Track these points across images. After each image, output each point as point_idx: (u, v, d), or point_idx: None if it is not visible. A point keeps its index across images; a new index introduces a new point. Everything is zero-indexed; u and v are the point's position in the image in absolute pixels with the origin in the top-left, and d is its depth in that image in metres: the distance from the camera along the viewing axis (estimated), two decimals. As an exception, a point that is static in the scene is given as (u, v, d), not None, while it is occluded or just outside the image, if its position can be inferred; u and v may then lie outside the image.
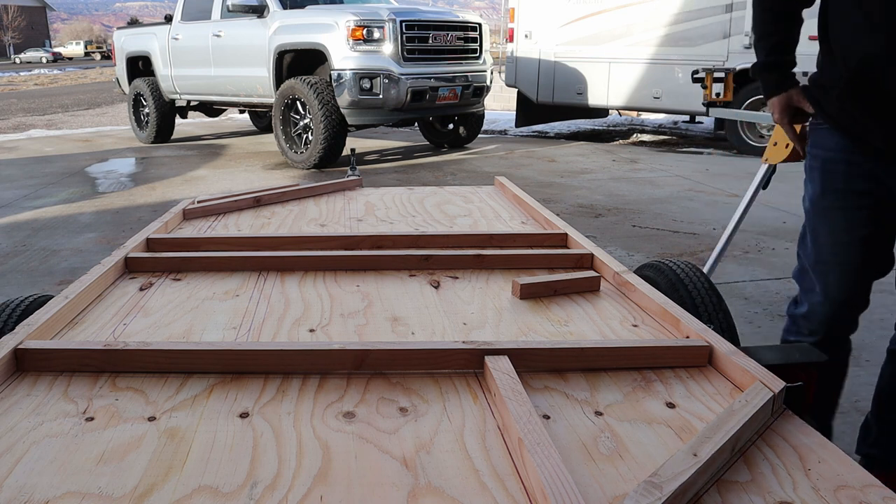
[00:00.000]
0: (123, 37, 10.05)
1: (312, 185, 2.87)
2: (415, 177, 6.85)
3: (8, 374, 1.25)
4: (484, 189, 2.96)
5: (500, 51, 11.24)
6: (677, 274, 1.93)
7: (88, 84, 24.14)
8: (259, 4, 7.58)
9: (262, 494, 0.93)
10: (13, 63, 52.97)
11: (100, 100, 17.41)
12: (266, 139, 9.52)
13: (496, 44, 13.26)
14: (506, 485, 0.96)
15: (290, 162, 7.44)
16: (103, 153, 8.68)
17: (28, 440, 1.05)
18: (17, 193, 6.23)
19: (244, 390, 1.21)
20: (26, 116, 13.86)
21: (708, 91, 3.92)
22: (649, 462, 1.01)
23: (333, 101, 6.96)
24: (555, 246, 2.08)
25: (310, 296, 1.69)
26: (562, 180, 6.58)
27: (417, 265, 1.89)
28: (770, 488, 0.95)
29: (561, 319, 1.55)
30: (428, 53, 7.38)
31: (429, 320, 1.54)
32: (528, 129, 10.75)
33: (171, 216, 2.33)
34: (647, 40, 8.56)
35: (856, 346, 2.80)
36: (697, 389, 1.23)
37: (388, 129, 10.50)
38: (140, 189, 6.39)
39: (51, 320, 1.43)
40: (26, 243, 4.60)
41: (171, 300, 1.66)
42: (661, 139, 9.93)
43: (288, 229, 2.30)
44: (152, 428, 1.09)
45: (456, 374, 1.28)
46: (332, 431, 1.09)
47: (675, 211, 5.27)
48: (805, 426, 1.10)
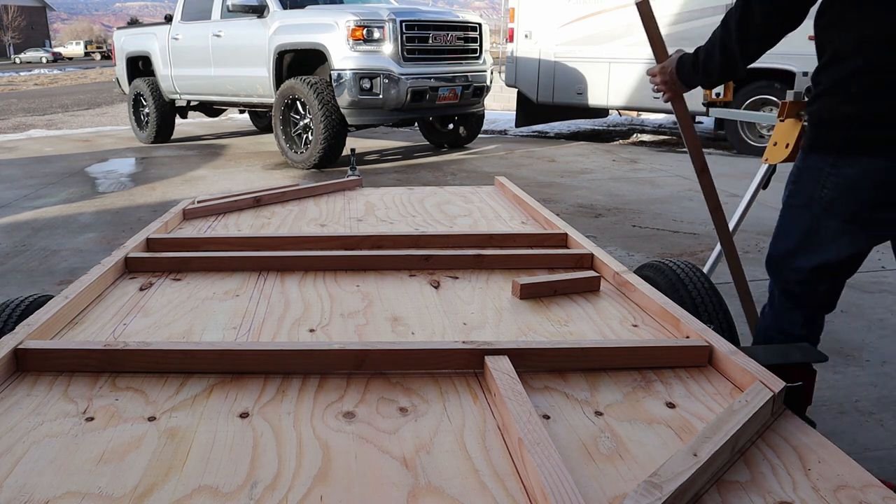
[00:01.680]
0: (123, 37, 10.04)
1: (312, 185, 2.87)
2: (415, 177, 6.85)
3: (8, 374, 1.26)
4: (484, 189, 2.96)
5: (500, 51, 11.24)
6: (677, 274, 1.93)
7: (88, 84, 24.14)
8: (259, 4, 7.58)
9: (262, 494, 0.93)
10: (13, 63, 52.97)
11: (100, 100, 17.41)
12: (266, 139, 9.52)
13: (496, 44, 13.26)
14: (506, 485, 0.96)
15: (290, 162, 7.44)
16: (103, 153, 8.68)
17: (28, 440, 1.05)
18: (17, 193, 6.23)
19: (244, 390, 1.21)
20: (26, 116, 13.86)
21: (708, 91, 3.92)
22: (649, 462, 1.01)
23: (333, 101, 6.96)
24: (555, 246, 2.08)
25: (310, 296, 1.69)
26: (562, 180, 6.58)
27: (417, 265, 1.89)
28: (770, 488, 0.95)
29: (561, 319, 1.55)
30: (428, 53, 7.38)
31: (429, 320, 1.54)
32: (528, 129, 10.75)
33: (171, 216, 2.34)
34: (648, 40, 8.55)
35: (856, 346, 2.81)
36: (697, 389, 1.23)
37: (388, 129, 10.50)
38: (140, 189, 6.39)
39: (51, 320, 1.43)
40: (26, 243, 4.60)
41: (171, 300, 1.66)
42: (661, 139, 9.93)
43: (288, 229, 2.30)
44: (152, 428, 1.09)
45: (456, 374, 1.28)
46: (332, 431, 1.09)
47: (675, 211, 5.27)
48: (805, 426, 1.10)
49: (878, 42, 1.47)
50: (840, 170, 1.55)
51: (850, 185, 1.54)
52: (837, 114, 1.55)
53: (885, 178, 1.50)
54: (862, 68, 1.49)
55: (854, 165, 1.53)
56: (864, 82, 1.49)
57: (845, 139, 1.54)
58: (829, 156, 1.57)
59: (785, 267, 1.75)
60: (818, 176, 1.60)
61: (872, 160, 1.51)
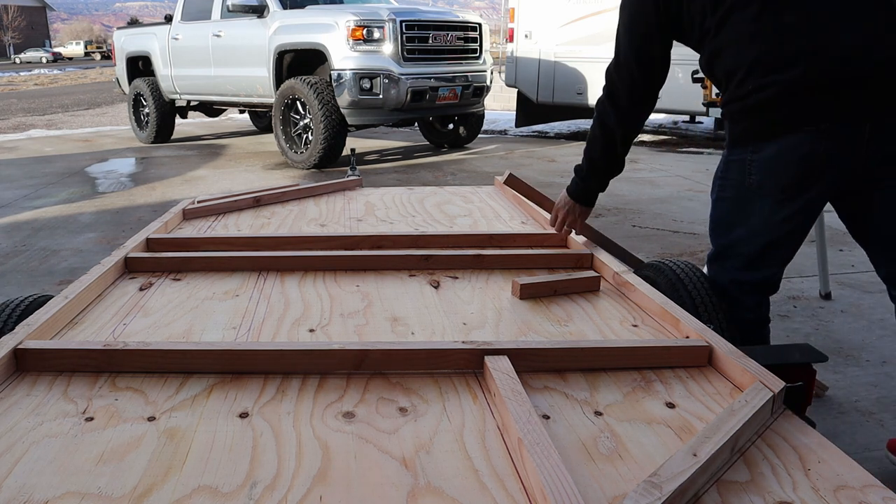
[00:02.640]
0: (123, 37, 10.04)
1: (312, 185, 2.87)
2: (415, 177, 6.85)
3: (8, 374, 1.25)
4: (484, 189, 2.96)
5: (500, 51, 11.23)
6: (677, 274, 1.93)
7: (88, 84, 24.13)
8: (259, 4, 7.58)
9: (262, 494, 0.93)
10: (13, 63, 52.97)
11: (100, 100, 17.41)
12: (266, 139, 9.52)
13: (496, 44, 13.25)
14: (505, 485, 0.95)
15: (290, 162, 7.44)
16: (103, 153, 8.67)
17: (28, 440, 1.05)
18: (17, 193, 6.22)
19: (244, 390, 1.21)
20: (26, 116, 13.86)
21: (708, 91, 3.92)
22: (649, 462, 1.01)
23: (333, 101, 6.96)
24: (555, 246, 2.08)
25: (310, 296, 1.69)
26: (562, 180, 6.58)
27: (417, 265, 1.89)
28: (770, 488, 0.95)
29: (561, 319, 1.55)
30: (428, 53, 7.38)
31: (429, 320, 1.54)
32: (528, 129, 10.75)
33: (171, 216, 2.34)
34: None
35: (856, 346, 2.81)
36: (697, 389, 1.23)
37: (388, 129, 10.49)
38: (140, 189, 6.39)
39: (51, 320, 1.43)
40: (26, 243, 4.60)
41: (170, 300, 1.66)
42: (661, 139, 9.93)
43: (288, 229, 2.30)
44: (152, 428, 1.09)
45: (456, 374, 1.28)
46: (332, 431, 1.09)
47: (675, 211, 5.27)
48: (805, 426, 1.10)
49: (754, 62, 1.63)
50: (761, 154, 1.67)
51: (773, 165, 1.66)
52: (746, 109, 1.68)
53: (810, 150, 1.60)
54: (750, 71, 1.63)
55: (772, 146, 1.65)
56: (756, 85, 1.63)
57: (759, 128, 1.66)
58: (749, 144, 1.69)
59: (730, 256, 1.81)
60: (742, 165, 1.71)
61: (789, 138, 1.62)
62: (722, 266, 1.84)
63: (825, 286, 3.31)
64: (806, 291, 3.39)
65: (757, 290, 1.82)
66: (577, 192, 2.01)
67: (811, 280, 3.47)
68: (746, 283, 1.81)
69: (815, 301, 3.30)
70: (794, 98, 1.59)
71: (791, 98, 1.59)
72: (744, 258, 1.78)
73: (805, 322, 3.05)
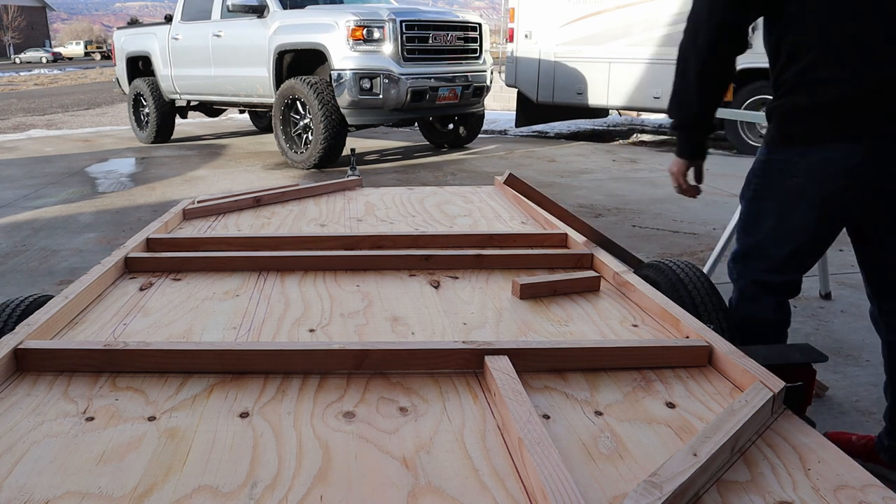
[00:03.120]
0: (123, 37, 10.04)
1: (312, 185, 2.87)
2: (415, 177, 6.85)
3: (8, 374, 1.26)
4: (484, 189, 2.96)
5: (500, 51, 11.23)
6: (677, 274, 1.93)
7: (88, 84, 24.13)
8: (259, 4, 7.57)
9: (262, 494, 0.93)
10: (13, 63, 52.95)
11: (100, 100, 17.40)
12: (266, 139, 9.52)
13: (496, 44, 13.25)
14: (506, 485, 0.95)
15: (290, 162, 7.44)
16: (103, 153, 8.67)
17: (28, 440, 1.05)
18: (17, 193, 6.22)
19: (244, 390, 1.21)
20: (26, 116, 13.86)
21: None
22: (649, 462, 1.01)
23: (333, 101, 6.96)
24: (555, 246, 2.08)
25: (310, 296, 1.69)
26: (562, 180, 6.58)
27: (417, 265, 1.89)
28: (770, 488, 0.95)
29: (561, 319, 1.55)
30: (428, 53, 7.38)
31: (429, 320, 1.54)
32: (528, 129, 10.75)
33: (171, 216, 2.34)
34: (647, 40, 8.55)
35: (856, 347, 2.81)
36: (697, 389, 1.23)
37: (388, 129, 10.49)
38: (140, 189, 6.39)
39: (51, 320, 1.43)
40: (26, 243, 4.60)
41: (171, 300, 1.66)
42: (661, 139, 9.93)
43: (288, 229, 2.30)
44: (152, 428, 1.09)
45: (456, 373, 1.28)
46: (332, 431, 1.09)
47: (675, 211, 5.26)
48: (805, 426, 1.10)
49: (826, 43, 1.55)
50: (807, 158, 1.62)
51: (819, 172, 1.61)
52: (800, 107, 1.62)
53: (857, 162, 1.56)
54: (815, 63, 1.57)
55: (821, 153, 1.60)
56: (820, 77, 1.56)
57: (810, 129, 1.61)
58: (796, 146, 1.63)
59: (757, 258, 1.79)
60: (786, 167, 1.66)
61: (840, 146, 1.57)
62: (746, 265, 1.81)
63: (825, 286, 3.32)
64: (806, 291, 3.39)
65: (779, 292, 1.80)
66: (688, 145, 1.86)
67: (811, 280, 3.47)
68: (769, 285, 1.78)
69: (815, 301, 3.30)
70: (861, 103, 1.53)
71: (858, 102, 1.53)
72: (770, 260, 1.75)
73: (805, 322, 3.05)
